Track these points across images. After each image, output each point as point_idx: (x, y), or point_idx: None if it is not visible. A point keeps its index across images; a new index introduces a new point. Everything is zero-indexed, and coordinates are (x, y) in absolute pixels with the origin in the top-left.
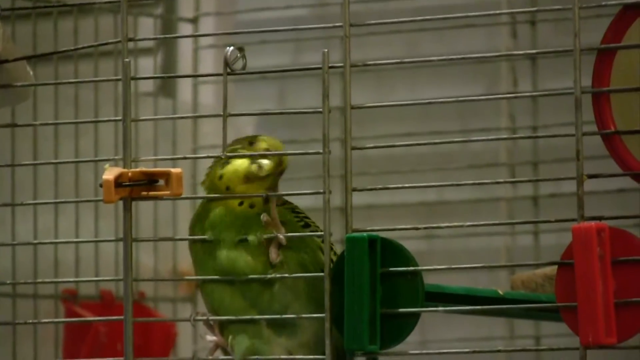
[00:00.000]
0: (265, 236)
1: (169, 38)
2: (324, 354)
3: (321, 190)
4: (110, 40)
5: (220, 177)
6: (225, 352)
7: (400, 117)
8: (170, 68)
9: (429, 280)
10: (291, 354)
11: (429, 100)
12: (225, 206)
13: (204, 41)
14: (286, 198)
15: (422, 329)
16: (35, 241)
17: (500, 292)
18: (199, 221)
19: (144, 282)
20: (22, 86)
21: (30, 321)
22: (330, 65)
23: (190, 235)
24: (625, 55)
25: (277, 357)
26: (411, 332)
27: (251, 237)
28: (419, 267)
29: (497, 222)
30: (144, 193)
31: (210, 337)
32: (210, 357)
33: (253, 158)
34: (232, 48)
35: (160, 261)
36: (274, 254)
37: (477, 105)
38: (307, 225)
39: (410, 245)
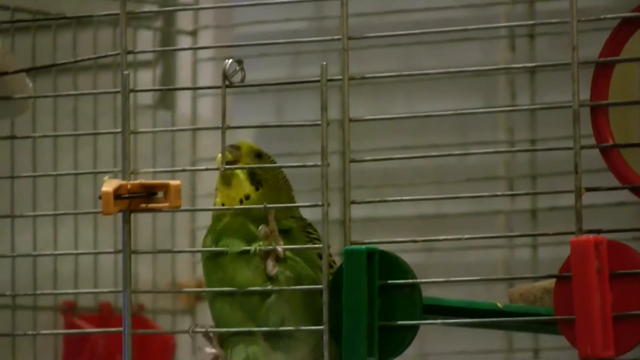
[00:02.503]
0: (262, 248)
1: (168, 51)
2: None
3: (320, 203)
4: (109, 53)
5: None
6: None
7: (398, 130)
8: (169, 80)
9: (427, 293)
10: None
11: (427, 113)
12: (230, 217)
13: (202, 54)
14: (301, 214)
15: (420, 341)
16: (35, 253)
17: (499, 305)
18: (209, 232)
19: (142, 294)
20: (21, 98)
21: (30, 332)
22: (328, 78)
23: (203, 245)
24: (623, 69)
25: None
26: (409, 345)
27: (252, 248)
28: (417, 280)
29: (495, 235)
30: (143, 205)
31: (209, 350)
32: None
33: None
34: (230, 61)
35: (159, 273)
36: (270, 267)
37: (475, 119)
38: (311, 241)
39: (408, 258)
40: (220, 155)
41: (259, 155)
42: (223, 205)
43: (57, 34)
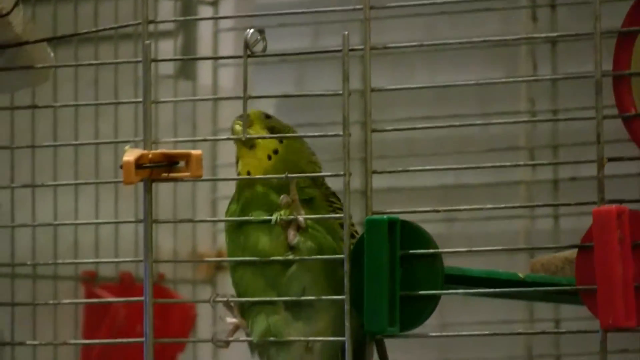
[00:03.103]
0: (284, 218)
1: (189, 20)
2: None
3: (341, 173)
4: (130, 23)
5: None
6: (246, 334)
7: (420, 101)
8: (190, 50)
9: (449, 262)
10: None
11: (448, 83)
12: (254, 185)
13: (223, 24)
14: (325, 183)
15: (441, 311)
16: (55, 222)
17: (521, 275)
18: (233, 200)
19: (163, 263)
20: (43, 68)
21: (50, 302)
22: (350, 48)
23: (226, 214)
24: None
25: (294, 338)
26: (431, 315)
27: (273, 218)
28: (439, 250)
29: (516, 205)
30: (164, 175)
31: (230, 319)
32: (229, 339)
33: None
34: (252, 30)
35: (180, 243)
36: (291, 236)
37: (497, 89)
38: (334, 210)
39: (429, 228)
40: (235, 125)
41: (267, 116)
42: (249, 173)
43: (78, 3)
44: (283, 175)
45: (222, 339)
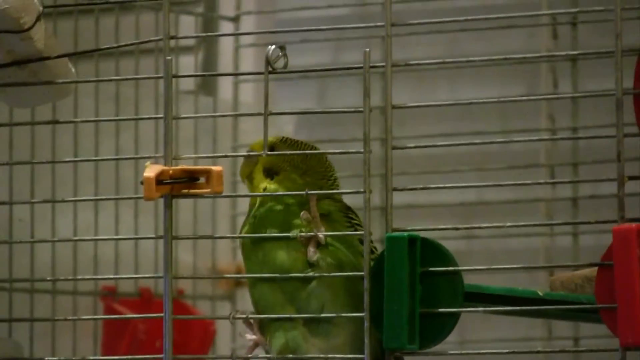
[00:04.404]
0: (303, 234)
1: (210, 36)
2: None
3: (362, 190)
4: (152, 38)
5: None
6: (265, 351)
7: (441, 117)
8: (211, 66)
9: (469, 280)
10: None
11: (469, 100)
12: (271, 203)
13: (244, 40)
14: (341, 198)
15: (461, 328)
16: (75, 237)
17: (540, 293)
18: (249, 216)
19: (183, 279)
20: (64, 83)
21: (70, 317)
22: (371, 64)
23: (241, 230)
24: None
25: (314, 356)
26: (450, 332)
27: (292, 234)
28: (459, 267)
29: (536, 223)
30: (185, 190)
31: (250, 336)
32: (249, 356)
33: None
34: (273, 47)
35: (199, 258)
36: (311, 252)
37: (517, 106)
38: (352, 226)
39: (449, 245)
40: (254, 143)
41: (272, 149)
42: (265, 189)
43: (99, 18)
44: (303, 192)
45: (242, 356)
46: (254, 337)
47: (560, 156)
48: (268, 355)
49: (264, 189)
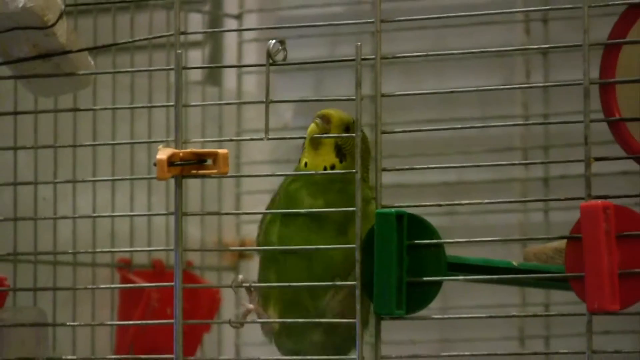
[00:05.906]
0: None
1: (216, 32)
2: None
3: (354, 170)
4: (164, 34)
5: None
6: (258, 317)
7: (426, 105)
8: (217, 59)
9: (451, 252)
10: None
11: (452, 89)
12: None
13: (247, 35)
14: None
15: (443, 296)
16: (94, 214)
17: (515, 264)
18: (277, 193)
19: (191, 252)
20: (84, 74)
21: (89, 287)
22: (362, 57)
23: (267, 206)
24: (630, 50)
25: (310, 320)
26: (434, 299)
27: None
28: (442, 240)
29: (511, 200)
30: (194, 171)
31: (247, 305)
32: (242, 321)
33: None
34: (274, 41)
35: (207, 233)
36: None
37: (495, 94)
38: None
39: (433, 221)
40: (312, 125)
41: (347, 129)
42: (306, 164)
43: (116, 16)
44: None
45: (237, 321)
46: (250, 306)
47: (533, 140)
48: (261, 320)
49: (331, 166)
